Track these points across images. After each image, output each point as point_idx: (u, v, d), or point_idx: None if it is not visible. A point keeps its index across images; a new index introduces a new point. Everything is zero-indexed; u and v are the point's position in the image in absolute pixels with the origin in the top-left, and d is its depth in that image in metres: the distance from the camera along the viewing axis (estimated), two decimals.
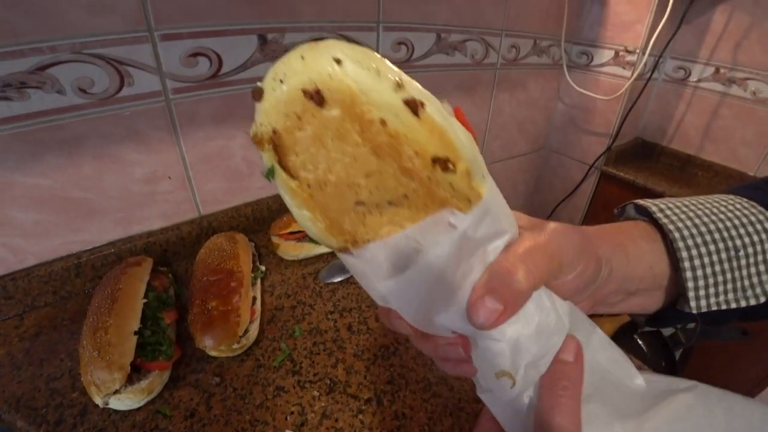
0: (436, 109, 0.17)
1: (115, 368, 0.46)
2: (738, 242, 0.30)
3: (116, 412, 0.47)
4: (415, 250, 0.20)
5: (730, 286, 0.30)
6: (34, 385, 0.50)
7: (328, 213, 0.21)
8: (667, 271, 0.31)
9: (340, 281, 0.68)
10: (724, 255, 0.30)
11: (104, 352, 0.47)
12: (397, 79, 0.17)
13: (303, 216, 0.21)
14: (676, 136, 1.43)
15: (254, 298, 0.61)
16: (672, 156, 1.44)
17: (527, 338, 0.21)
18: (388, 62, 0.17)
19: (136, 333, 0.50)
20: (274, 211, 0.81)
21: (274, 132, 0.19)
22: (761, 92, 1.21)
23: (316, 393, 0.50)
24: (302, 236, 0.72)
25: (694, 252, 0.29)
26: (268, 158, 0.20)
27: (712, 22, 1.25)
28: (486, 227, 0.20)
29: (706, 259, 0.29)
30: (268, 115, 0.19)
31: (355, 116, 0.17)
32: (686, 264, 0.29)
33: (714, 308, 0.30)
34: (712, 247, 0.30)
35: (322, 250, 0.73)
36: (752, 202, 0.32)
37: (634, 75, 1.20)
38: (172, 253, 0.72)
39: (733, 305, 0.30)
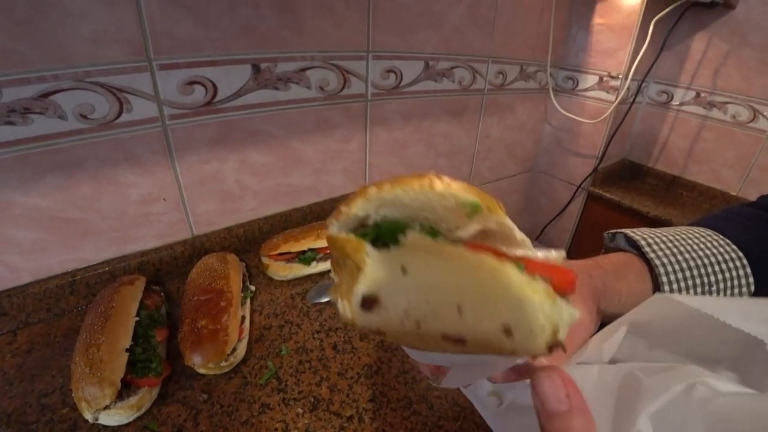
0: (565, 333, 0.16)
1: (106, 384, 0.47)
2: (712, 278, 0.35)
3: (105, 427, 0.48)
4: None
5: None
6: (25, 400, 0.52)
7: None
8: None
9: (328, 301, 0.70)
10: (699, 289, 0.35)
11: (96, 369, 0.48)
12: (551, 335, 0.15)
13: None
14: (661, 157, 1.47)
15: (243, 318, 0.63)
16: (657, 177, 1.48)
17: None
18: (551, 305, 0.15)
19: (127, 350, 0.52)
20: (265, 232, 0.83)
21: (378, 332, 0.18)
22: (740, 116, 1.26)
23: (300, 410, 0.52)
24: (291, 257, 0.74)
25: (675, 286, 0.35)
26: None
27: (691, 49, 1.30)
28: None
29: (684, 293, 0.35)
30: (383, 324, 0.17)
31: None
32: None
33: None
34: (690, 282, 0.35)
35: (311, 271, 0.75)
36: (726, 239, 0.37)
37: (618, 99, 1.25)
38: (165, 273, 0.74)
39: None
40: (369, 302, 0.16)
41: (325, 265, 0.76)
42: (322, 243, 0.75)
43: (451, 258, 0.15)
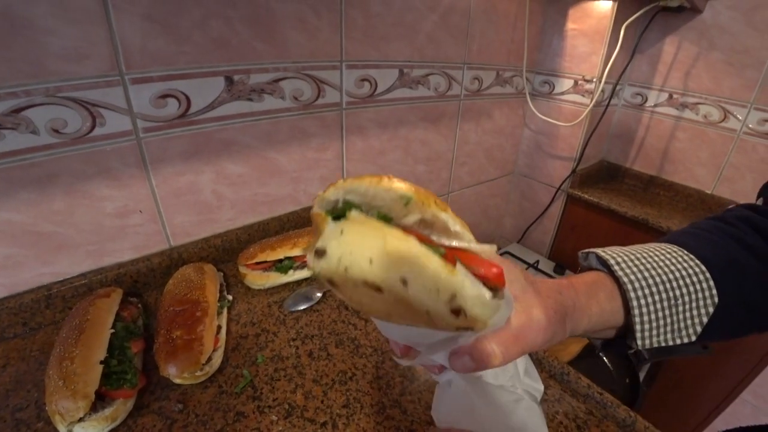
0: (478, 306, 0.20)
1: (79, 397, 0.48)
2: (677, 292, 0.38)
3: None
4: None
5: (669, 328, 0.38)
6: None
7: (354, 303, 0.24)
8: (621, 318, 0.39)
9: (304, 309, 0.71)
10: (665, 303, 0.38)
11: (69, 381, 0.49)
12: (449, 295, 0.19)
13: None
14: (638, 157, 1.51)
15: (219, 327, 0.64)
16: (635, 177, 1.52)
17: None
18: (447, 273, 0.19)
19: (102, 362, 0.52)
20: (242, 241, 0.84)
21: (331, 279, 0.21)
22: (711, 116, 1.30)
23: (274, 417, 0.53)
24: (268, 266, 0.75)
25: (642, 301, 0.37)
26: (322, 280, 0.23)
27: (662, 53, 1.34)
28: (486, 331, 0.25)
29: (651, 307, 0.37)
30: (329, 273, 0.21)
31: (406, 305, 0.20)
32: (636, 311, 0.37)
33: (655, 345, 0.38)
34: (656, 297, 0.38)
35: (288, 279, 0.76)
36: (690, 255, 0.40)
37: (593, 102, 1.28)
38: (143, 284, 0.74)
39: (671, 343, 0.38)
40: (320, 252, 0.21)
41: (301, 274, 0.77)
42: (299, 251, 0.76)
43: (375, 229, 0.20)
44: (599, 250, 0.42)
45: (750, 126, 1.23)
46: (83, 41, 0.57)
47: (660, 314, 0.38)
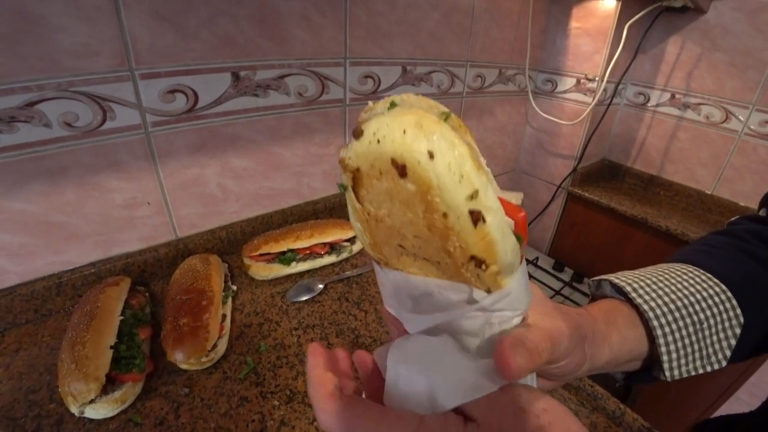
0: (496, 223, 0.19)
1: (91, 380, 0.50)
2: (701, 315, 0.35)
3: (91, 420, 0.51)
4: (428, 294, 0.24)
5: (697, 354, 0.35)
6: (13, 397, 0.54)
7: (374, 236, 0.24)
8: (645, 348, 0.36)
9: (306, 300, 0.73)
10: (691, 329, 0.35)
11: (81, 365, 0.51)
12: (472, 190, 0.18)
13: (356, 227, 0.25)
14: (639, 157, 1.52)
15: (224, 316, 0.66)
16: (636, 176, 1.53)
17: None
18: (474, 170, 0.18)
19: (112, 347, 0.55)
20: (247, 233, 0.86)
21: (358, 170, 0.21)
22: (713, 116, 1.31)
23: (276, 402, 0.55)
24: (272, 258, 0.77)
25: (666, 329, 0.35)
26: (346, 179, 0.23)
27: (666, 53, 1.34)
28: (502, 304, 0.23)
29: (677, 334, 0.35)
30: (358, 156, 0.20)
31: (424, 199, 0.19)
32: (661, 340, 0.35)
33: (685, 375, 0.35)
34: (680, 323, 0.35)
35: (291, 271, 0.78)
36: (708, 275, 0.37)
37: (594, 101, 1.29)
38: (150, 274, 0.76)
39: (701, 371, 0.36)
40: (357, 133, 0.20)
41: (304, 266, 0.79)
42: (302, 244, 0.78)
43: (415, 112, 0.19)
44: (612, 277, 0.39)
45: (751, 127, 1.24)
46: (94, 38, 0.59)
47: (687, 341, 0.35)
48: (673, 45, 1.32)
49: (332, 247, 0.83)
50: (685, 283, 0.37)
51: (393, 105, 0.21)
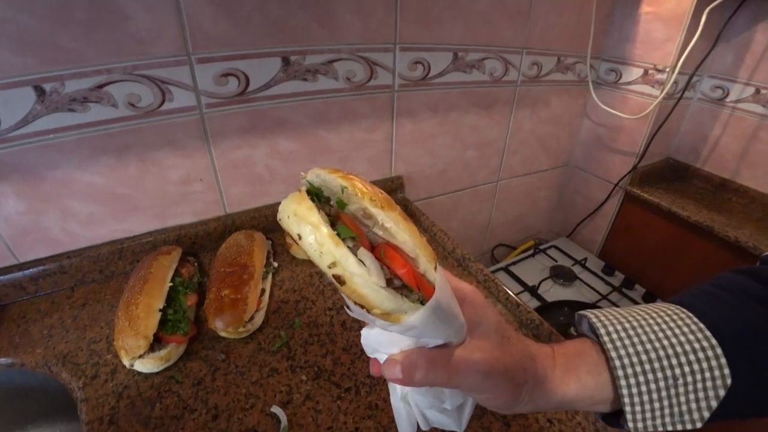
0: (361, 282, 0.24)
1: (140, 337, 0.55)
2: (678, 371, 0.32)
3: (139, 373, 0.57)
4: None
5: (667, 411, 0.32)
6: (78, 345, 0.61)
7: None
8: (610, 394, 0.34)
9: None
10: (662, 383, 0.32)
11: (133, 324, 0.56)
12: (331, 261, 0.24)
13: None
14: (710, 158, 1.38)
15: (263, 290, 0.70)
16: (705, 179, 1.40)
17: None
18: (333, 246, 0.24)
19: (160, 310, 0.60)
20: None
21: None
22: None
23: (304, 377, 0.58)
24: None
25: (632, 380, 0.32)
26: None
27: (752, 42, 1.21)
28: (413, 333, 0.28)
29: (644, 387, 0.32)
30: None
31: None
32: (624, 391, 0.32)
33: (651, 430, 0.33)
34: (650, 376, 0.32)
35: None
36: (700, 324, 0.33)
37: (663, 93, 1.18)
38: (200, 246, 0.82)
39: (670, 428, 0.33)
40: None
41: None
42: None
43: (300, 199, 0.25)
44: (591, 315, 0.37)
45: None
46: (156, 24, 0.63)
47: (655, 395, 0.32)
48: (761, 33, 1.18)
49: None
50: (669, 332, 0.33)
51: (311, 187, 0.28)
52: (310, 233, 0.24)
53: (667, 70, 1.18)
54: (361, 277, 0.24)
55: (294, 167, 0.87)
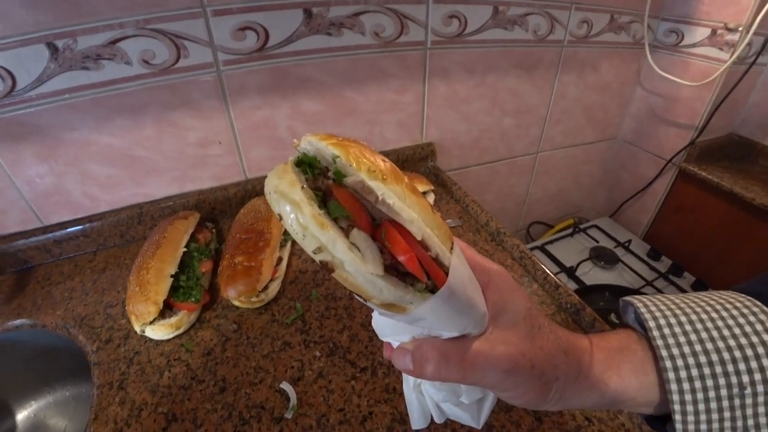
0: (354, 269, 0.20)
1: (150, 303, 0.53)
2: (745, 378, 0.26)
3: (150, 340, 0.55)
4: None
5: (728, 425, 0.26)
6: (95, 309, 0.61)
7: None
8: (656, 397, 0.29)
9: None
10: (724, 392, 0.26)
11: (143, 289, 0.55)
12: (317, 245, 0.20)
13: None
14: None
15: (280, 259, 0.67)
16: None
17: None
18: (318, 228, 0.20)
19: (172, 276, 0.58)
20: None
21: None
22: None
23: (317, 353, 0.54)
24: None
25: (686, 386, 0.26)
26: None
27: None
28: (423, 324, 0.25)
29: (700, 395, 0.26)
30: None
31: None
32: (675, 397, 0.27)
33: None
34: (709, 382, 0.26)
35: None
36: None
37: (733, 57, 1.04)
38: (219, 212, 0.80)
39: None
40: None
41: None
42: None
43: (285, 172, 0.22)
44: (639, 302, 0.31)
45: None
46: None
47: (714, 405, 0.26)
48: None
49: None
50: (736, 330, 0.27)
51: (304, 157, 0.23)
52: (291, 212, 0.20)
53: (741, 29, 1.03)
54: (351, 264, 0.20)
55: (318, 129, 0.81)
